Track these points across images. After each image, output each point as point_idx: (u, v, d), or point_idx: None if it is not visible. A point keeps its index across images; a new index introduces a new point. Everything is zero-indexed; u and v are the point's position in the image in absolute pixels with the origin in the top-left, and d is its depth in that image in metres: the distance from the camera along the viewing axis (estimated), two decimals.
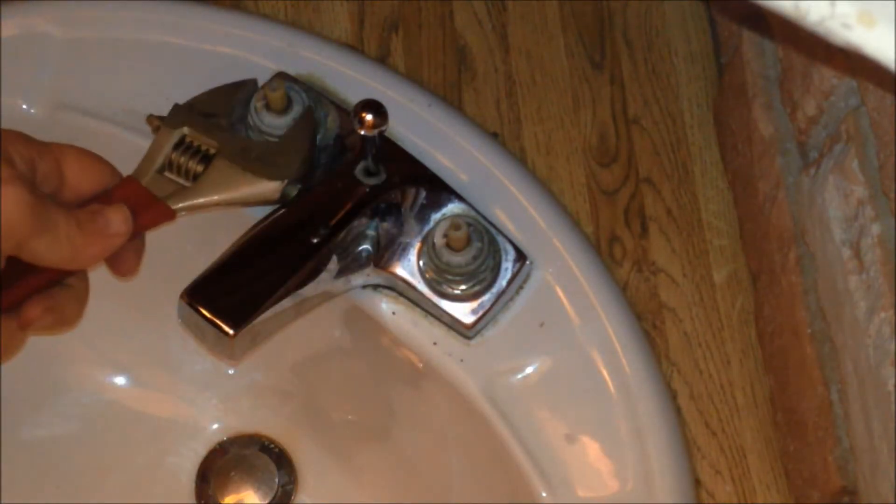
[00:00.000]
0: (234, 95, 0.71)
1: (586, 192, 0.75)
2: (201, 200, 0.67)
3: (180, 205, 0.67)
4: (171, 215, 0.67)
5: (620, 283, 0.73)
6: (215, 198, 0.67)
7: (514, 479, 0.69)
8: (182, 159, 0.68)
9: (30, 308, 0.63)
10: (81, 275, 0.66)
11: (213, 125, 0.69)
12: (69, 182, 0.63)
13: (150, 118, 0.70)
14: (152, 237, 0.78)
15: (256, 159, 0.68)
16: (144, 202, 0.66)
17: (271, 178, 0.67)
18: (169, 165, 0.68)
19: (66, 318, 0.65)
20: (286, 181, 0.68)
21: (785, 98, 0.66)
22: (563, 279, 0.71)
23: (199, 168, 0.68)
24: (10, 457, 0.79)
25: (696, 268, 0.74)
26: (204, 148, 0.68)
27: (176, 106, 0.69)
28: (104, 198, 0.65)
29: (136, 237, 0.66)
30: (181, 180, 0.67)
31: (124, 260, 0.66)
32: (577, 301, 0.71)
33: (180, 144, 0.68)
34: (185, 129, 0.68)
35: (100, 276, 0.80)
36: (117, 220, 0.63)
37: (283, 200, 0.68)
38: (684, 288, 0.73)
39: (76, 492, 0.79)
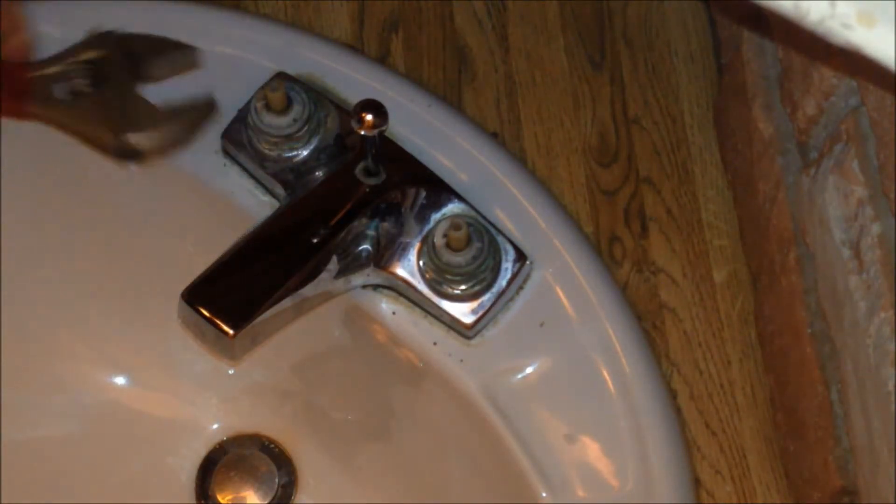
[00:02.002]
0: (166, 53, 0.72)
1: (586, 192, 0.75)
2: (58, 121, 0.68)
3: (39, 112, 0.68)
4: (26, 116, 0.68)
5: (620, 283, 0.73)
6: (68, 124, 0.69)
7: (514, 479, 0.69)
8: (77, 77, 0.68)
9: None
10: None
11: (125, 63, 0.69)
12: None
13: (92, 31, 0.70)
14: (153, 238, 0.78)
15: (119, 110, 0.69)
16: (19, 91, 0.67)
17: (112, 130, 0.68)
18: (64, 74, 0.68)
19: None
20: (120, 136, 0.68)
21: (785, 98, 0.66)
22: (563, 279, 0.71)
23: (84, 89, 0.68)
24: (10, 457, 0.78)
25: (696, 268, 0.74)
26: (100, 78, 0.68)
27: (110, 32, 0.70)
28: None
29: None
30: (61, 90, 0.68)
31: None
32: (577, 301, 0.71)
33: (88, 63, 0.68)
34: (97, 54, 0.69)
35: (100, 277, 0.80)
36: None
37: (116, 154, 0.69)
38: (684, 288, 0.73)
39: (76, 492, 0.79)
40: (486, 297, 0.70)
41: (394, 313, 0.72)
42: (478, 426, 0.70)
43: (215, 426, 0.81)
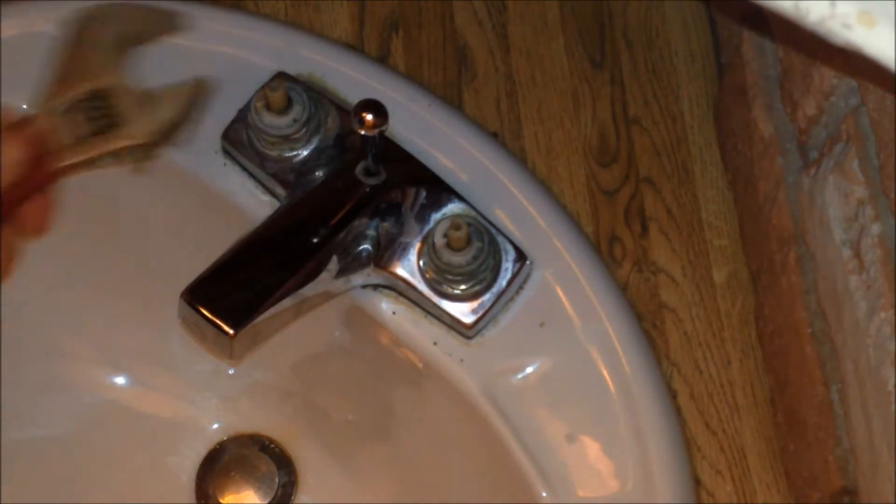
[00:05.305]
0: (154, 23, 0.68)
1: (586, 192, 0.75)
2: (83, 157, 0.64)
3: (67, 162, 0.64)
4: (56, 179, 0.64)
5: (620, 283, 0.73)
6: (93, 154, 0.64)
7: (514, 479, 0.69)
8: (84, 123, 0.64)
9: None
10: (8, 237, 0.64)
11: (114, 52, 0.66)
12: None
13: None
14: (153, 238, 0.78)
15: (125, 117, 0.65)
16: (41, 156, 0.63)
17: (127, 136, 0.64)
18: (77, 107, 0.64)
19: None
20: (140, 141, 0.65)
21: (785, 98, 0.66)
22: (563, 279, 0.71)
23: (97, 129, 0.64)
24: (10, 457, 0.79)
25: (696, 268, 0.74)
26: (105, 119, 0.65)
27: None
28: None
29: (35, 194, 0.64)
30: (79, 125, 0.64)
31: (31, 219, 0.65)
32: (577, 301, 0.71)
33: (93, 101, 0.65)
34: (111, 84, 0.65)
35: (99, 276, 0.80)
36: (9, 155, 0.61)
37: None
38: (684, 288, 0.73)
39: (76, 492, 0.79)
40: (487, 297, 0.70)
41: (394, 313, 0.72)
42: (478, 426, 0.70)
43: (215, 426, 0.81)
